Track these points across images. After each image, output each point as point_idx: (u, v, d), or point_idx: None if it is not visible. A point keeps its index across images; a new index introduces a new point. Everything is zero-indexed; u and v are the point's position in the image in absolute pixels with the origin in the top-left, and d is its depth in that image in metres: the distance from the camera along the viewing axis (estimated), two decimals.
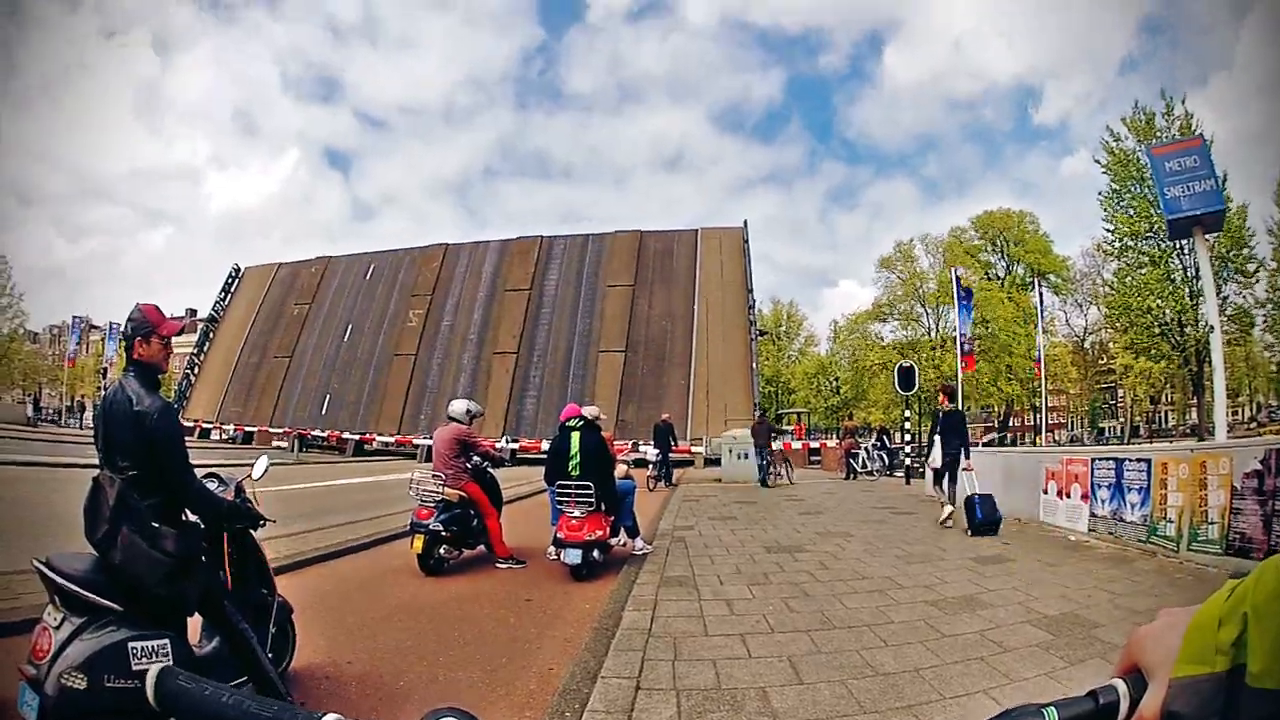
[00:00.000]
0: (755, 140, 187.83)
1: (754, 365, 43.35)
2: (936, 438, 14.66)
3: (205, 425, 53.96)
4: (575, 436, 10.06)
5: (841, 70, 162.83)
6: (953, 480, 13.92)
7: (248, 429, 51.90)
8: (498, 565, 10.20)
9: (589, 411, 10.56)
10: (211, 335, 60.15)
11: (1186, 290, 39.09)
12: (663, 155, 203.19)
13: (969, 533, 12.46)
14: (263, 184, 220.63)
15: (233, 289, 61.99)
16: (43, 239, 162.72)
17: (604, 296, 48.20)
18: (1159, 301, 39.92)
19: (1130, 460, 11.16)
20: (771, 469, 25.89)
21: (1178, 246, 37.99)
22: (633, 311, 47.02)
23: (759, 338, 48.47)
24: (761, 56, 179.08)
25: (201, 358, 59.63)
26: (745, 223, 49.28)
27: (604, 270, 49.33)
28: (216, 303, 61.93)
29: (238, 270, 62.77)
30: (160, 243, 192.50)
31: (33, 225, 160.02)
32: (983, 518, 12.52)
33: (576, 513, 9.64)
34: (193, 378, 58.92)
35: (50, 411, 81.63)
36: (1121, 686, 0.85)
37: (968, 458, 13.84)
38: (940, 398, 15.07)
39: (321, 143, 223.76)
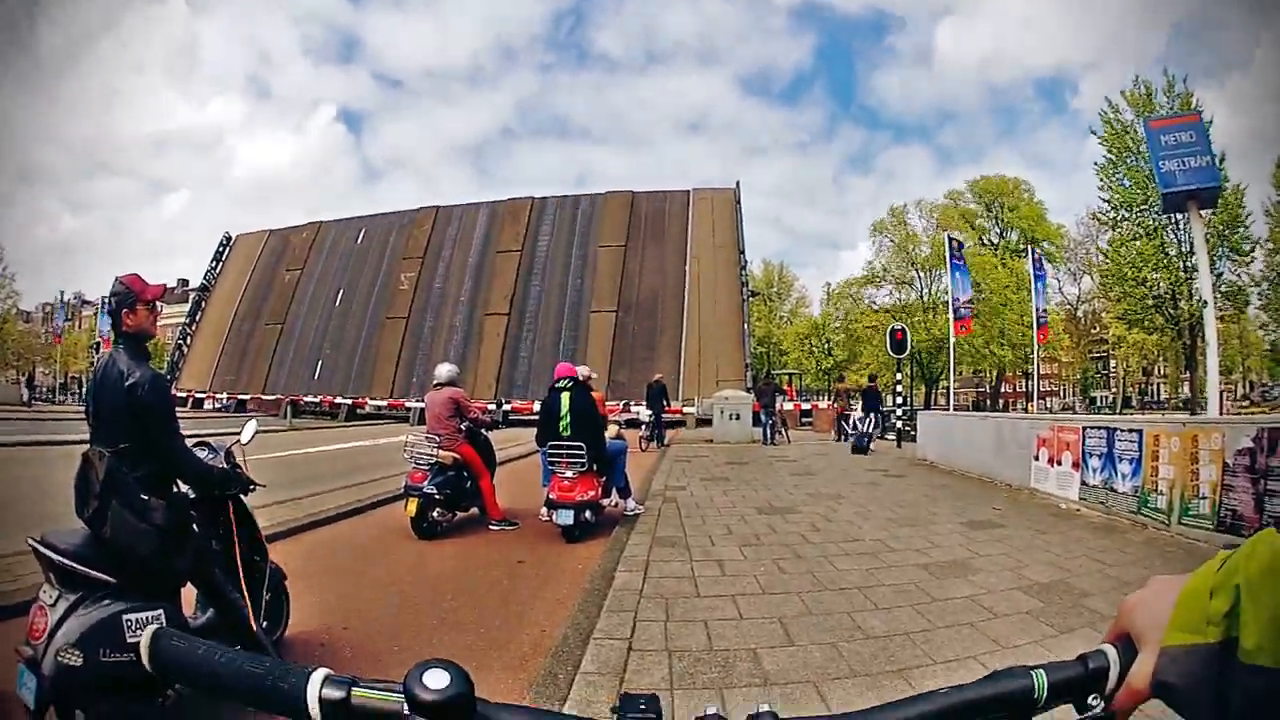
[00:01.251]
0: (776, 105, 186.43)
1: (746, 326, 43.39)
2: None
3: (198, 395, 53.89)
4: (565, 397, 10.04)
5: (864, 39, 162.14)
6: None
7: (240, 397, 51.75)
8: (491, 527, 10.21)
9: (581, 371, 10.56)
10: (203, 305, 59.96)
11: (1181, 264, 38.98)
12: (684, 118, 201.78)
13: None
14: (272, 150, 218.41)
15: (224, 257, 61.74)
16: (39, 214, 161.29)
17: (596, 257, 48.20)
18: (1153, 273, 39.79)
19: (1122, 430, 11.18)
20: (778, 429, 26.10)
21: (1172, 220, 37.84)
22: (624, 272, 47.07)
23: (750, 298, 48.36)
24: (788, 23, 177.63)
25: (193, 327, 59.43)
26: (737, 183, 49.30)
27: (596, 231, 49.31)
28: (207, 271, 61.71)
29: (229, 238, 62.46)
30: (163, 212, 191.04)
31: (29, 200, 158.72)
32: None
33: (568, 474, 9.64)
34: (185, 348, 58.77)
35: (44, 390, 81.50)
36: (1111, 653, 0.85)
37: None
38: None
39: (335, 105, 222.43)
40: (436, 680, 0.74)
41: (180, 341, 59.25)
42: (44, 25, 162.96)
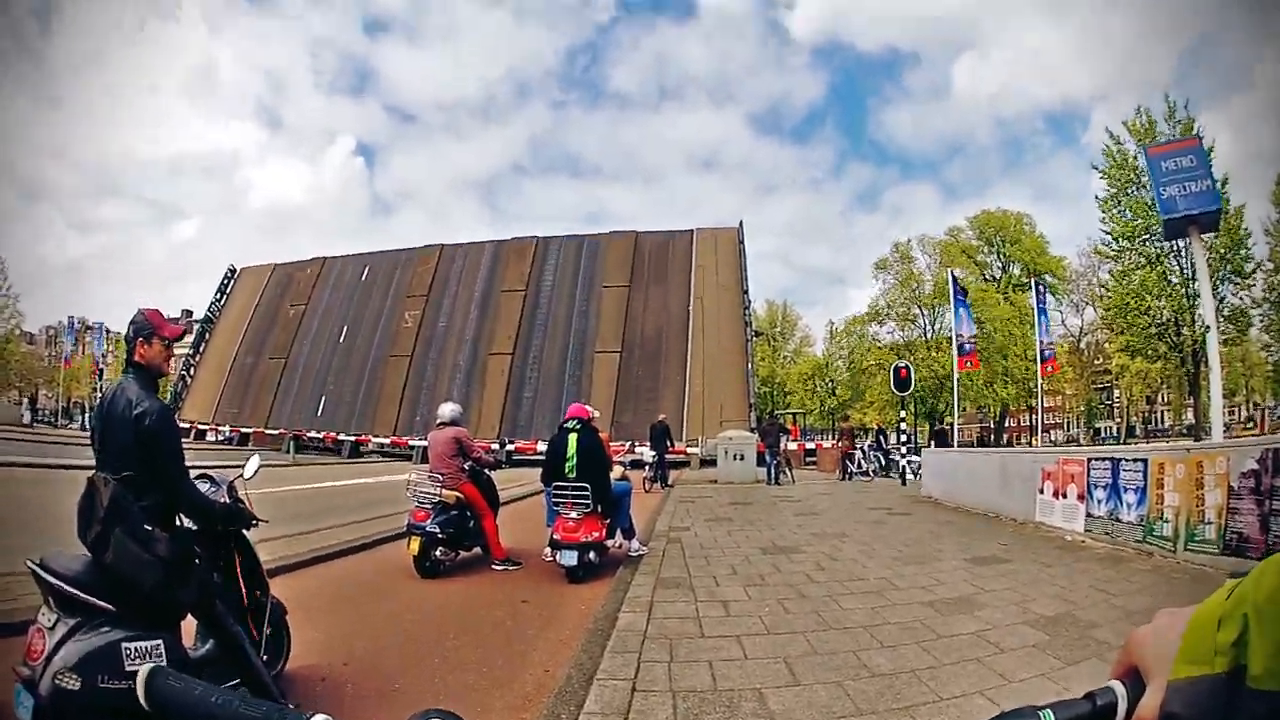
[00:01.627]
0: (787, 141, 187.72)
1: (750, 366, 43.36)
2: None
3: (201, 427, 53.84)
4: (572, 438, 10.05)
5: (874, 76, 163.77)
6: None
7: (243, 430, 51.69)
8: (494, 567, 10.19)
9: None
10: (207, 336, 60.01)
11: (1183, 290, 39.04)
12: (696, 156, 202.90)
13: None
14: (282, 179, 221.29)
15: (228, 290, 61.85)
16: (45, 235, 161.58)
17: (599, 297, 48.18)
18: (1156, 302, 39.85)
19: (1126, 460, 11.17)
20: (783, 469, 26.14)
21: (1174, 247, 37.92)
22: (628, 312, 47.04)
23: (754, 338, 48.43)
24: (799, 60, 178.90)
25: (197, 359, 59.51)
26: (740, 223, 49.34)
27: (600, 271, 49.31)
28: (212, 303, 61.72)
29: (233, 271, 62.58)
30: (169, 239, 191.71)
31: (36, 220, 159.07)
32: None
33: (573, 514, 9.63)
34: (188, 379, 58.79)
35: (46, 413, 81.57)
36: (1119, 688, 0.84)
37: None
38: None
39: (347, 137, 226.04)
40: None
41: (184, 373, 59.31)
42: (58, 40, 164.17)
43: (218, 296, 61.65)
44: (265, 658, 4.75)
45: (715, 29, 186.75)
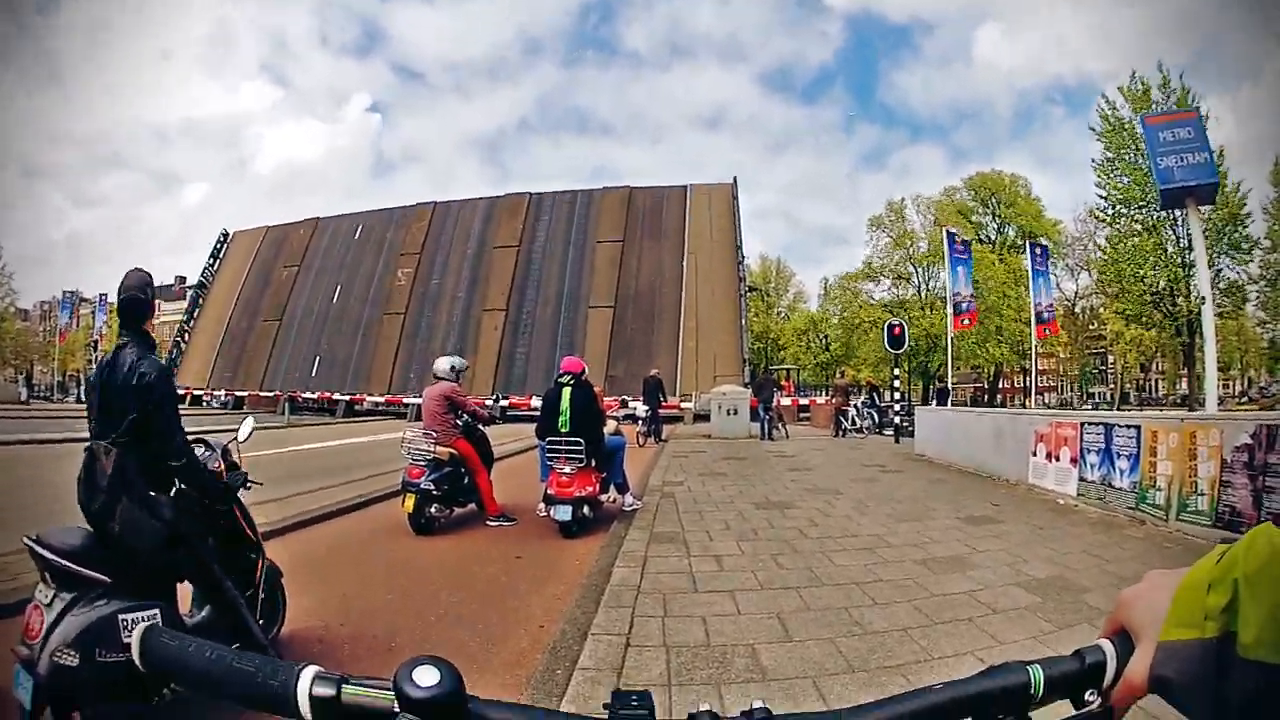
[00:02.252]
0: (796, 101, 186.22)
1: (743, 321, 43.45)
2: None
3: (196, 392, 53.95)
4: (566, 392, 10.05)
5: (884, 38, 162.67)
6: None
7: (238, 394, 51.79)
8: (489, 523, 10.21)
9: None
10: (201, 302, 60.08)
11: (1180, 260, 38.98)
12: (704, 115, 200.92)
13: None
14: (285, 142, 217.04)
15: (221, 254, 61.77)
16: (42, 209, 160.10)
17: (593, 252, 48.30)
18: (1152, 270, 39.78)
19: (1120, 426, 11.18)
20: (775, 424, 26.21)
21: (1170, 216, 37.83)
22: (622, 267, 47.14)
23: (748, 293, 48.42)
24: (811, 19, 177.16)
25: (191, 325, 59.56)
26: (734, 179, 49.38)
27: (593, 227, 49.35)
28: (205, 268, 61.80)
29: (226, 235, 62.43)
30: (167, 206, 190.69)
31: (33, 195, 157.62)
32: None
33: (566, 469, 9.64)
34: (182, 345, 58.88)
35: (42, 388, 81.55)
36: (1108, 647, 0.85)
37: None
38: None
39: (353, 97, 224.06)
40: (426, 677, 0.74)
41: (178, 339, 59.38)
42: (56, 9, 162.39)
43: (211, 261, 61.61)
44: (261, 621, 4.76)
45: None
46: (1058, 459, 12.76)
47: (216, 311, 58.24)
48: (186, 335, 59.27)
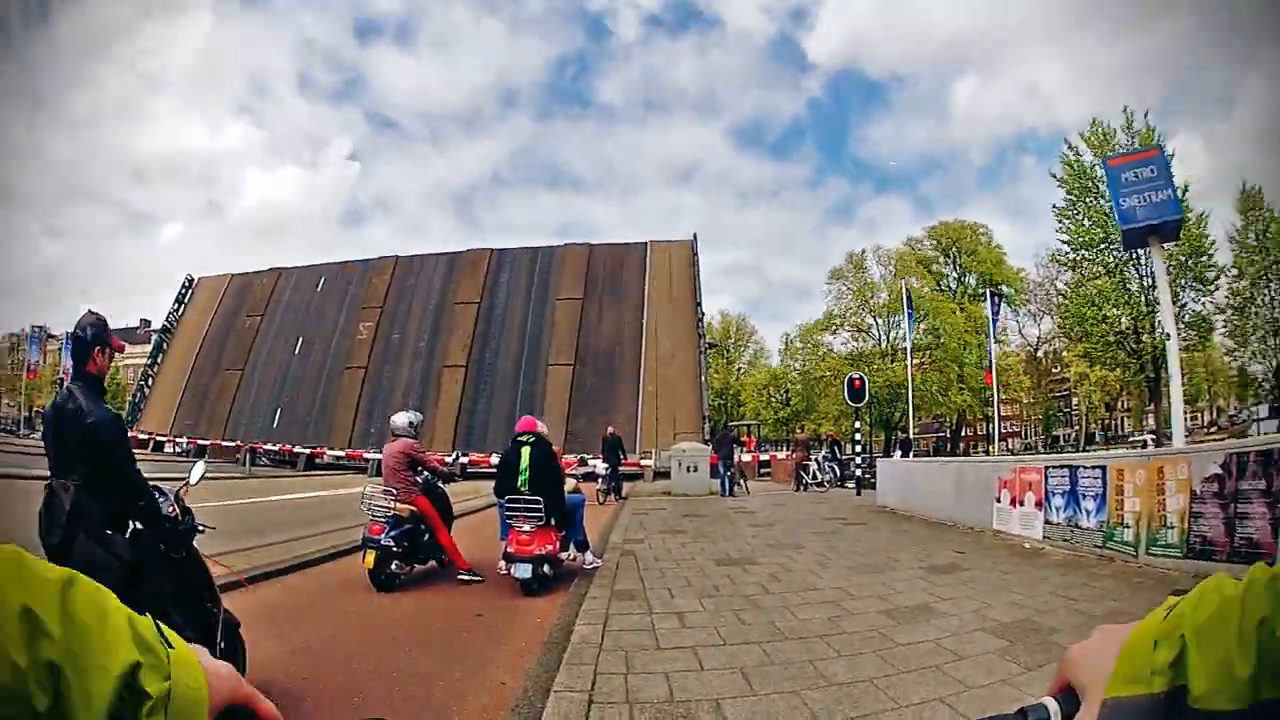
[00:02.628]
0: (766, 155, 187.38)
1: (703, 378, 43.58)
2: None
3: (159, 438, 53.42)
4: (525, 450, 9.99)
5: (856, 92, 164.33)
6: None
7: (200, 443, 51.16)
8: (460, 577, 10.12)
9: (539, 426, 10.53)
10: (165, 346, 59.54)
11: (1142, 299, 39.47)
12: (676, 169, 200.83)
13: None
14: (256, 186, 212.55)
15: (186, 299, 61.35)
16: (11, 238, 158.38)
17: (553, 309, 48.42)
18: (1114, 310, 40.25)
19: (1085, 467, 11.26)
20: (737, 480, 26.24)
21: (1133, 256, 38.31)
22: (582, 324, 47.29)
23: (708, 350, 48.62)
24: (783, 75, 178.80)
25: (155, 369, 59.06)
26: (694, 236, 49.77)
27: (554, 283, 49.56)
28: (170, 313, 61.24)
29: (191, 280, 62.06)
30: (138, 248, 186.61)
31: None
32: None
33: (526, 527, 9.56)
34: (146, 390, 58.37)
35: (9, 422, 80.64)
36: (1053, 706, 0.84)
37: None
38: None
39: (326, 143, 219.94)
40: None
41: (142, 383, 59.02)
42: (34, 38, 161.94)
43: (175, 306, 61.17)
44: None
45: (707, 44, 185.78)
46: (1022, 504, 12.82)
47: (180, 357, 57.72)
48: (150, 380, 58.69)
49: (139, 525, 4.41)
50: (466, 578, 10.12)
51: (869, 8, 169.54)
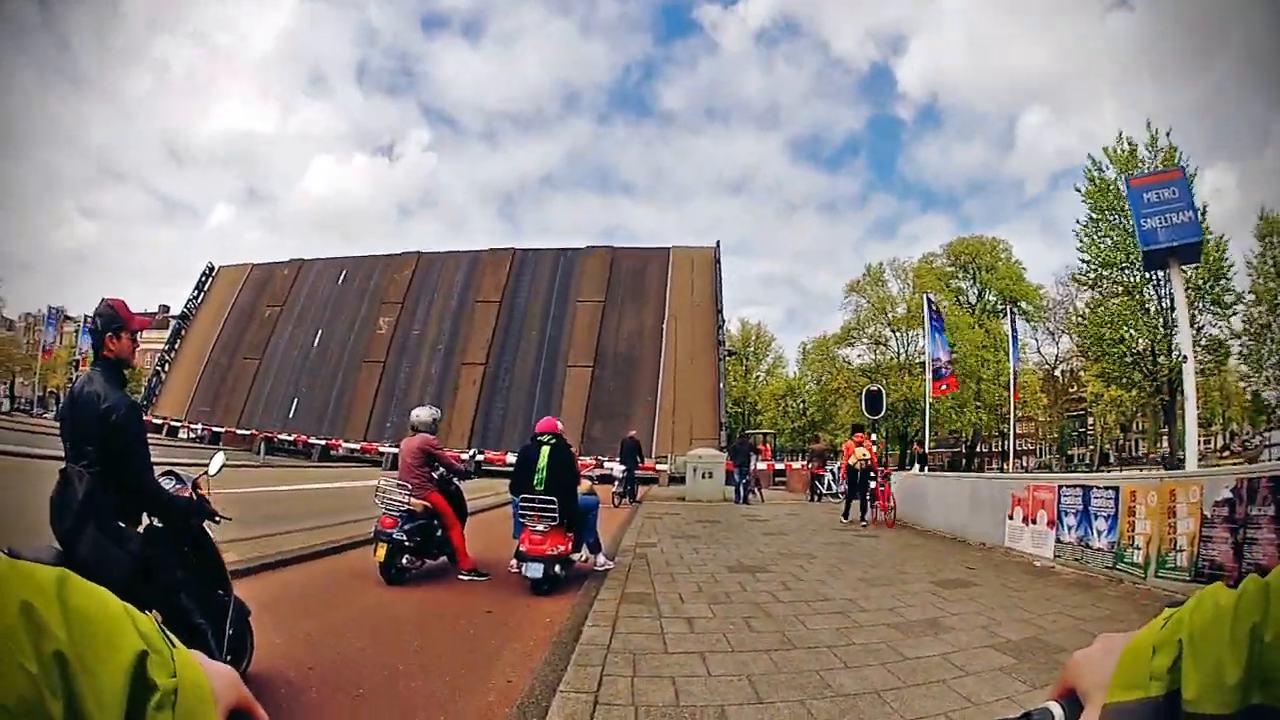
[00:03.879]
0: (819, 169, 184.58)
1: (721, 385, 43.41)
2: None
3: (173, 424, 53.67)
4: (545, 450, 10.01)
5: (911, 111, 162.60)
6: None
7: (215, 430, 51.26)
8: (461, 577, 10.10)
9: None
10: (183, 333, 59.70)
11: (1160, 320, 39.23)
12: (726, 178, 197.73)
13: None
14: (298, 176, 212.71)
15: (206, 288, 61.50)
16: (43, 219, 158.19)
17: (574, 311, 48.25)
18: (1132, 331, 40.01)
19: (1098, 488, 11.22)
20: (753, 487, 26.24)
21: (1153, 276, 38.07)
22: (602, 327, 47.12)
23: (727, 357, 48.49)
24: (849, 93, 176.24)
25: (172, 355, 59.20)
26: (717, 243, 49.51)
27: (575, 285, 49.44)
28: (189, 301, 61.37)
29: (212, 269, 62.18)
30: (169, 233, 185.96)
31: (29, 206, 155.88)
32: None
33: (539, 527, 9.57)
34: (162, 375, 58.53)
35: (24, 401, 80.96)
36: (1056, 710, 0.88)
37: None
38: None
39: (376, 135, 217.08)
40: None
41: (158, 369, 59.19)
42: (68, 13, 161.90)
43: (195, 294, 61.24)
44: (229, 658, 4.69)
45: (777, 56, 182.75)
46: (1034, 521, 12.78)
47: (198, 343, 57.80)
48: (166, 365, 58.86)
49: (151, 515, 4.46)
50: (467, 577, 10.12)
51: (949, 44, 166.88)
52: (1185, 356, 17.01)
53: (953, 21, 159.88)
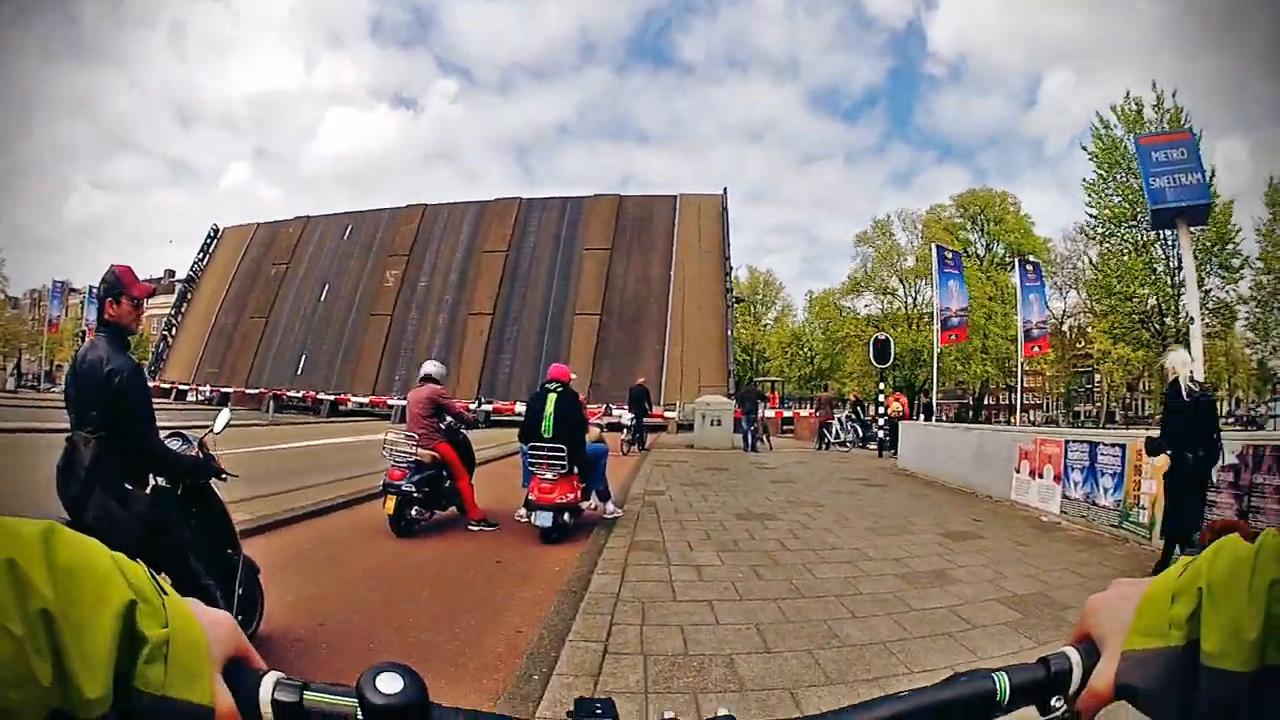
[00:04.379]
0: (836, 119, 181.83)
1: (729, 333, 43.37)
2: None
3: (181, 387, 53.86)
4: (551, 398, 10.01)
5: (933, 64, 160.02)
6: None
7: (223, 391, 51.28)
8: (470, 528, 10.16)
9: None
10: (189, 296, 59.76)
11: (1169, 280, 39.02)
12: (744, 127, 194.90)
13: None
14: (309, 134, 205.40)
15: (210, 250, 61.51)
16: (51, 194, 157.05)
17: (581, 260, 48.17)
18: (1141, 288, 39.79)
19: (1105, 445, 11.20)
20: (758, 436, 26.28)
21: (1161, 236, 37.84)
22: (609, 275, 47.04)
23: (735, 305, 48.42)
24: (872, 44, 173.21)
25: (179, 318, 59.26)
26: (725, 190, 49.34)
27: (581, 234, 49.32)
28: (194, 263, 61.37)
29: (216, 230, 62.18)
30: (176, 197, 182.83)
31: (42, 180, 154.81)
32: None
33: (548, 475, 9.60)
34: (169, 339, 58.67)
35: (31, 377, 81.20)
36: (1074, 655, 0.86)
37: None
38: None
39: (389, 89, 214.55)
40: (389, 684, 0.72)
41: (165, 333, 59.19)
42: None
43: (200, 256, 61.30)
44: (239, 617, 4.73)
45: (799, 6, 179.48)
46: (1041, 476, 12.78)
47: (204, 306, 57.88)
48: (174, 330, 58.90)
49: (157, 476, 4.48)
50: (476, 528, 10.17)
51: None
52: (1192, 318, 16.98)
53: None
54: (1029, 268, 32.42)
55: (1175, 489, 8.27)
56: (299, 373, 50.75)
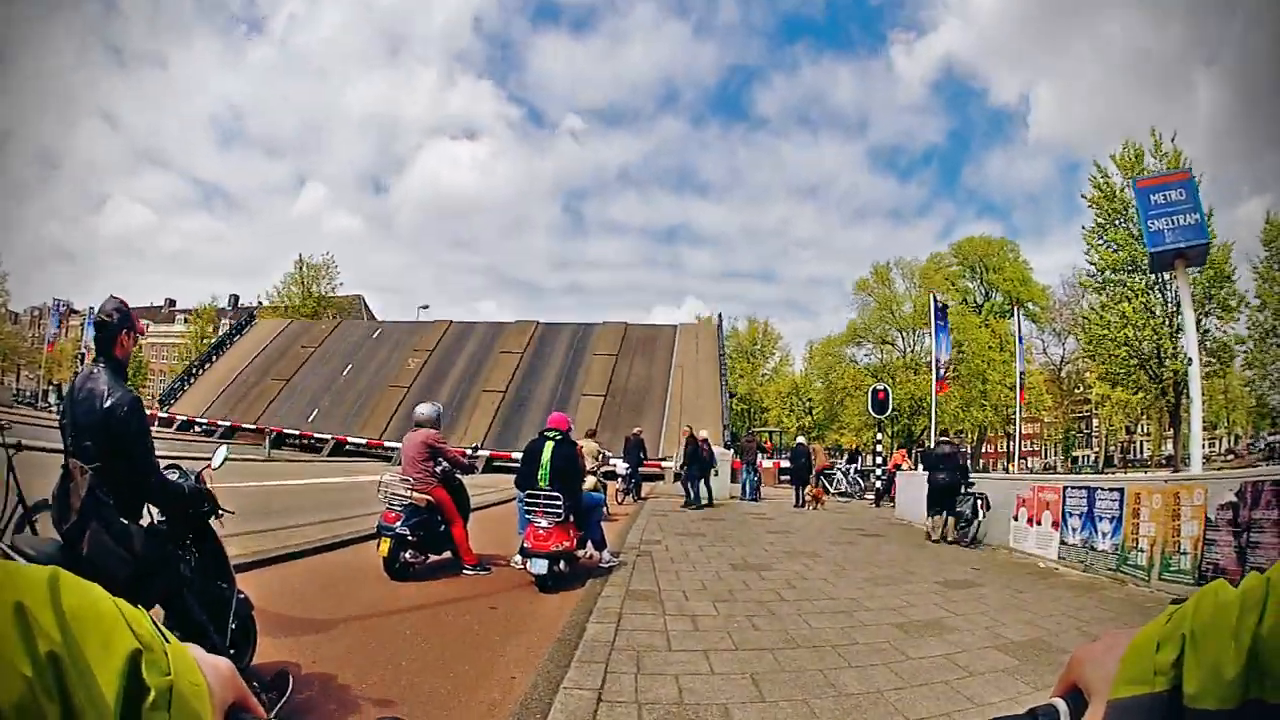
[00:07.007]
0: (890, 176, 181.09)
1: (725, 400, 45.02)
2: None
3: (185, 420, 53.98)
4: (549, 446, 10.00)
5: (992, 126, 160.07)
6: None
7: (221, 423, 51.54)
8: (464, 572, 10.11)
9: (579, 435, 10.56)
10: (213, 359, 61.20)
11: (1166, 322, 39.17)
12: (803, 184, 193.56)
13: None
14: (349, 164, 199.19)
15: (243, 332, 63.21)
16: (53, 213, 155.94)
17: (589, 362, 51.10)
18: (1138, 334, 39.93)
19: (1103, 489, 11.22)
20: (757, 486, 26.32)
21: (1158, 279, 38.04)
22: (614, 372, 49.70)
23: (731, 399, 51.23)
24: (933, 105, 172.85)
25: (201, 371, 60.56)
26: (719, 315, 54.56)
27: (591, 344, 52.90)
28: (221, 341, 62.97)
29: (251, 316, 64.05)
30: (191, 226, 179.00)
31: (45, 197, 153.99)
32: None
33: (544, 523, 9.56)
34: (188, 384, 59.42)
35: (28, 394, 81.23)
36: (1061, 705, 0.88)
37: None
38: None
39: (447, 127, 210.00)
40: None
41: (185, 377, 60.15)
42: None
43: (233, 336, 62.90)
44: (231, 652, 4.71)
45: (873, 69, 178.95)
46: (1039, 523, 12.78)
47: (228, 368, 59.11)
48: (191, 378, 59.84)
49: (154, 511, 4.46)
50: (470, 573, 10.13)
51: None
52: (1191, 359, 17.03)
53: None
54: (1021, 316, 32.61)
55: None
56: (309, 420, 51.03)
